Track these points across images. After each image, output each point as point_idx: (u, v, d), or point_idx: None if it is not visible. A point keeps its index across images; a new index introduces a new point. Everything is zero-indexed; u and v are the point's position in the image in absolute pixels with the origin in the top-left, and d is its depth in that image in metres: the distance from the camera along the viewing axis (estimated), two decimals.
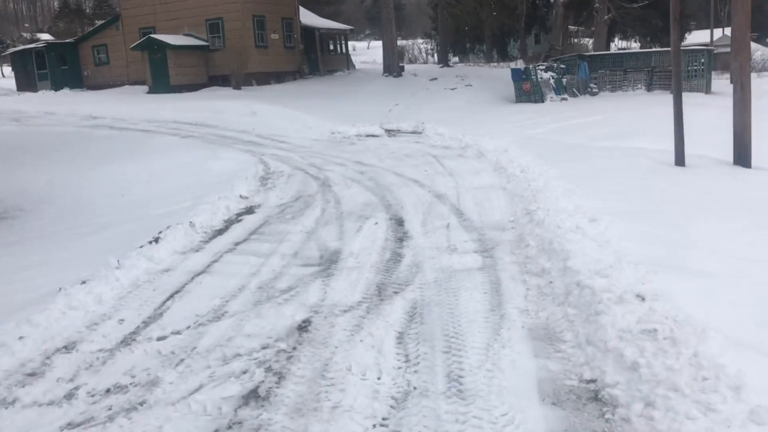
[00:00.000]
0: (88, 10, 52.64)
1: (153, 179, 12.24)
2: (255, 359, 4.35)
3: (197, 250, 7.40)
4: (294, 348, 4.47)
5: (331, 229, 7.94)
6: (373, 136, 17.31)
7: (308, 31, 31.77)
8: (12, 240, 8.98)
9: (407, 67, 32.84)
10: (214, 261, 6.91)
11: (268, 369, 4.19)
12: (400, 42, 47.96)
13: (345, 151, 14.79)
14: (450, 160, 12.67)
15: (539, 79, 22.47)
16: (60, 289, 5.75)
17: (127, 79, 29.31)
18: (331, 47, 35.26)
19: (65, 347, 4.80)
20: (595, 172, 9.38)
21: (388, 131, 17.93)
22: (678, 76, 10.24)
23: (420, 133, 17.47)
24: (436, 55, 43.55)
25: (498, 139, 13.88)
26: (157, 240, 7.49)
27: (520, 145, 12.61)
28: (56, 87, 29.56)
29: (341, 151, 14.84)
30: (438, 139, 15.93)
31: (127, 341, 4.87)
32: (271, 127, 18.84)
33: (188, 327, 5.06)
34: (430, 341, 4.43)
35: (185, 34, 27.89)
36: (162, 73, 26.43)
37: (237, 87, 25.93)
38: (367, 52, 59.51)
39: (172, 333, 4.97)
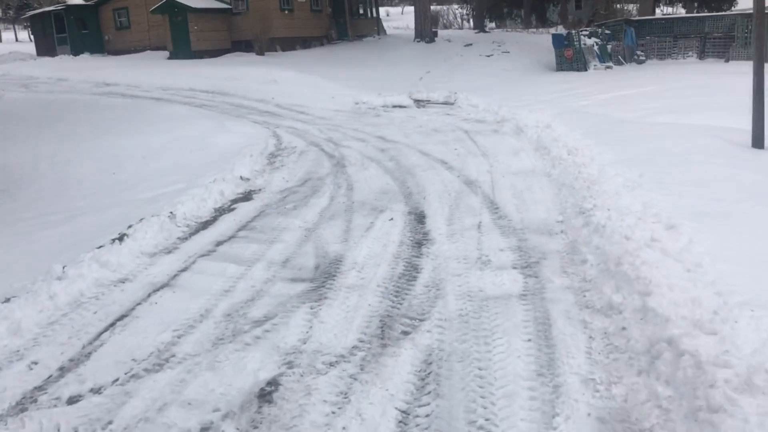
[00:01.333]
0: None
1: (151, 155, 10.82)
2: None
3: (169, 251, 5.95)
4: None
5: (336, 225, 6.42)
6: (400, 107, 15.64)
7: None
8: None
9: (441, 32, 30.87)
10: (184, 269, 5.45)
11: None
12: (434, 7, 45.78)
13: (368, 124, 13.20)
14: (484, 136, 11.00)
15: (582, 46, 20.46)
16: None
17: (148, 44, 27.93)
18: (361, 11, 33.37)
19: None
20: (658, 156, 7.65)
21: (417, 102, 16.24)
22: (761, 40, 8.40)
23: (452, 104, 15.75)
24: (471, 20, 41.27)
25: (538, 111, 12.11)
26: (121, 238, 6.05)
27: (564, 120, 10.87)
28: (76, 52, 28.33)
29: (363, 124, 13.25)
30: (471, 111, 14.20)
31: (24, 404, 3.44)
32: (292, 96, 17.29)
33: (115, 381, 3.61)
34: None
35: None
36: (183, 37, 24.97)
37: (260, 53, 24.36)
38: (401, 18, 57.25)
39: (91, 391, 3.53)
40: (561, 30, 25.48)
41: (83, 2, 29.54)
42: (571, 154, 8.23)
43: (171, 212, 6.93)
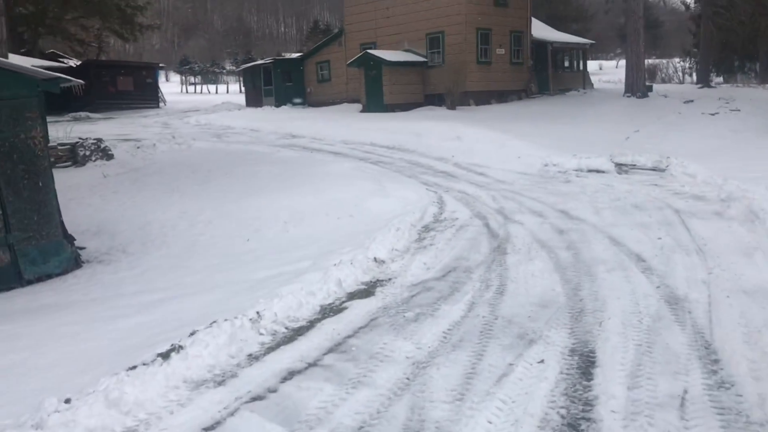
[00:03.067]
0: (336, 30, 52.83)
1: (294, 220, 9.50)
2: None
3: (221, 382, 4.24)
4: None
5: (457, 363, 4.32)
6: (597, 171, 13.08)
7: (539, 46, 27.78)
8: (38, 305, 6.62)
9: (656, 87, 27.41)
10: (217, 423, 3.68)
11: None
12: (651, 60, 41.75)
13: (552, 193, 10.91)
14: (701, 220, 8.25)
15: None
16: None
17: (345, 97, 27.77)
18: (566, 64, 30.83)
19: None
20: None
21: (619, 166, 13.55)
22: None
23: (662, 170, 12.87)
24: (694, 74, 36.82)
25: None
26: (168, 354, 4.46)
27: None
28: (279, 103, 28.96)
29: (547, 192, 10.98)
30: (687, 182, 11.29)
31: None
32: (474, 154, 15.41)
33: None
34: None
35: (404, 50, 25.58)
36: (376, 90, 24.31)
37: (451, 107, 22.89)
38: (614, 72, 53.36)
39: None
40: None
41: (290, 57, 30.36)
42: None
43: (258, 312, 5.28)
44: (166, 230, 9.46)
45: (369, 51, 24.74)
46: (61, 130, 17.12)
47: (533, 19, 27.91)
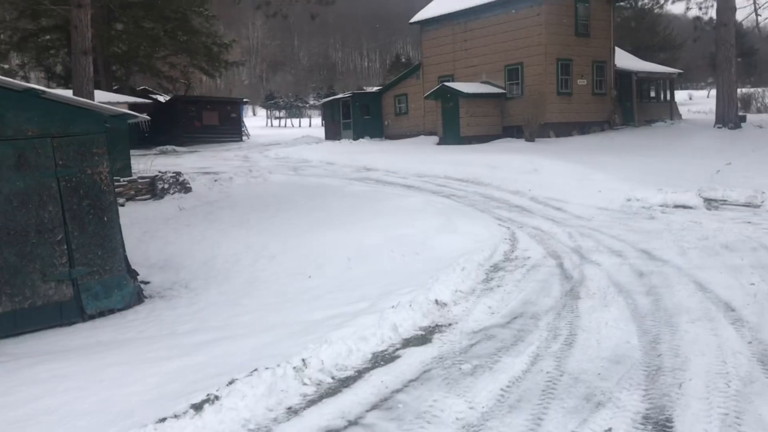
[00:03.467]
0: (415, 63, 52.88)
1: (358, 257, 9.22)
2: None
3: None
4: None
5: (512, 428, 3.84)
6: (683, 207, 12.22)
7: (624, 76, 26.76)
8: (95, 341, 6.51)
9: (750, 117, 25.87)
10: None
11: None
12: (745, 90, 39.61)
13: (633, 230, 10.20)
14: None
15: None
16: None
17: (422, 129, 27.62)
18: (652, 94, 29.59)
19: None
20: None
21: (708, 201, 12.62)
22: None
23: (756, 206, 11.90)
24: None
25: None
26: (201, 406, 4.19)
27: None
28: (357, 136, 29.09)
29: (628, 230, 10.27)
30: None
31: None
32: (551, 188, 14.77)
33: None
34: None
35: (482, 82, 25.22)
36: (453, 122, 23.99)
37: (530, 139, 22.27)
38: (705, 102, 51.11)
39: None
40: None
41: (370, 90, 30.55)
42: None
43: (303, 360, 4.96)
44: (229, 265, 9.35)
45: (446, 83, 24.55)
46: (145, 163, 17.60)
47: (617, 48, 27.02)
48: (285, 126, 58.50)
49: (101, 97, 17.20)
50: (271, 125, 59.75)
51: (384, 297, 6.88)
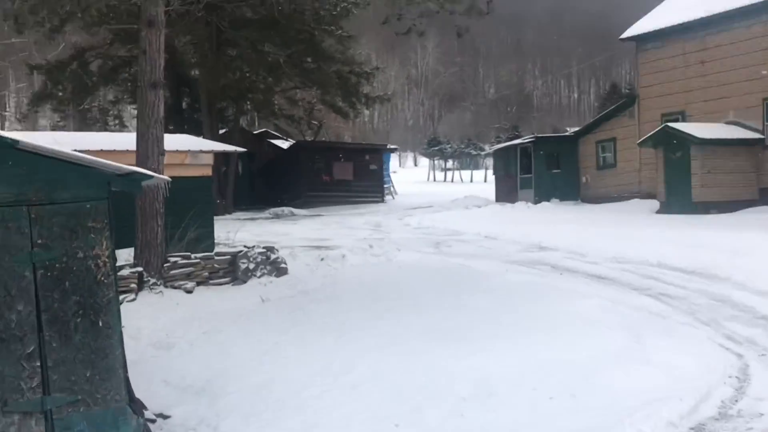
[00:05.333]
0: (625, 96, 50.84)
1: (476, 394, 8.19)
2: None
3: None
4: None
5: None
6: None
7: None
8: None
9: None
10: None
11: None
12: None
13: None
14: None
15: None
16: None
17: (637, 190, 26.87)
18: None
19: None
20: None
21: None
22: None
23: None
24: None
25: None
26: None
27: None
28: (539, 198, 28.60)
29: None
30: None
31: None
32: None
33: None
34: None
35: (727, 122, 24.12)
36: (681, 181, 23.20)
37: None
38: None
39: None
40: None
41: (565, 133, 29.89)
42: None
43: None
44: (287, 397, 8.61)
45: (671, 124, 23.65)
46: (251, 230, 17.90)
47: None
48: (452, 180, 58.77)
49: (179, 142, 17.54)
50: (434, 179, 60.31)
51: None
